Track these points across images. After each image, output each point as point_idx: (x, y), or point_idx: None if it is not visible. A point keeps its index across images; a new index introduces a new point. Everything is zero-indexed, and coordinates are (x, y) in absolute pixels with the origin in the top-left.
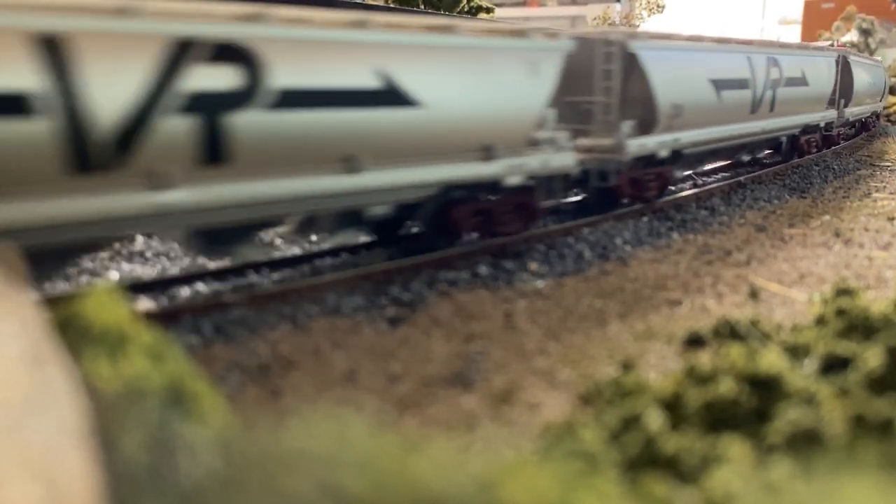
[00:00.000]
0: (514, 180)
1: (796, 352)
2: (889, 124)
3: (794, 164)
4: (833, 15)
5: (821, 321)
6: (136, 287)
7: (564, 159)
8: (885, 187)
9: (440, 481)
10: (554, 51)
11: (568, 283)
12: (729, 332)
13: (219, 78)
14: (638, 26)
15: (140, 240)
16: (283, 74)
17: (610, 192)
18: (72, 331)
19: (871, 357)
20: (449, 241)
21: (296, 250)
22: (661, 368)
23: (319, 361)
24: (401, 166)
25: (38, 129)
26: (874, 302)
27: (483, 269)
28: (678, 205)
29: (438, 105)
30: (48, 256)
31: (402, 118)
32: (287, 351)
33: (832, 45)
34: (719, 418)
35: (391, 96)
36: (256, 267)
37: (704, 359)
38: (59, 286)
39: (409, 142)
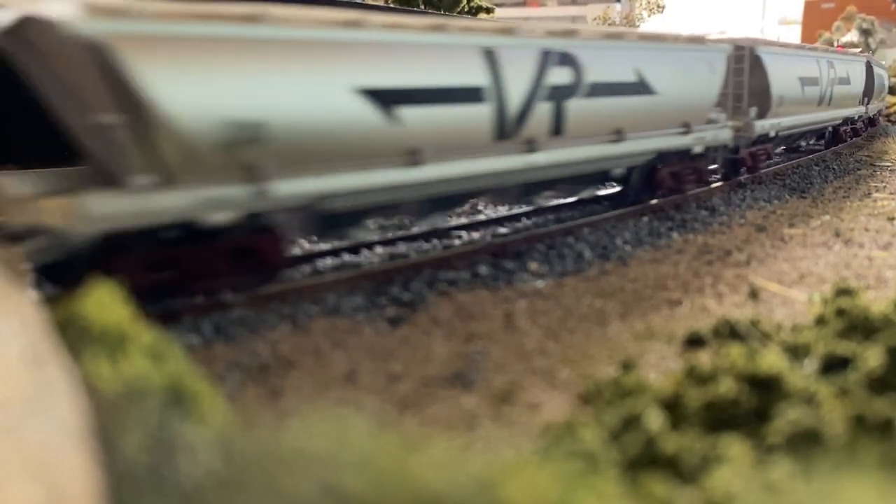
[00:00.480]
0: (698, 149)
1: (796, 352)
2: (889, 124)
3: (794, 165)
4: (833, 15)
5: (821, 321)
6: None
7: (725, 134)
8: (885, 187)
9: (440, 481)
10: (722, 52)
11: (568, 283)
12: (729, 332)
13: (562, 76)
14: (638, 26)
15: None
16: (592, 73)
17: (736, 162)
18: (72, 331)
19: (871, 357)
20: (651, 195)
21: (296, 250)
22: (661, 368)
23: (319, 361)
24: (639, 138)
25: (485, 111)
26: (874, 302)
27: (483, 269)
28: (678, 205)
29: (667, 93)
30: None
31: (647, 103)
32: (287, 351)
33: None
34: (719, 418)
35: (642, 87)
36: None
37: (704, 359)
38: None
39: (651, 119)
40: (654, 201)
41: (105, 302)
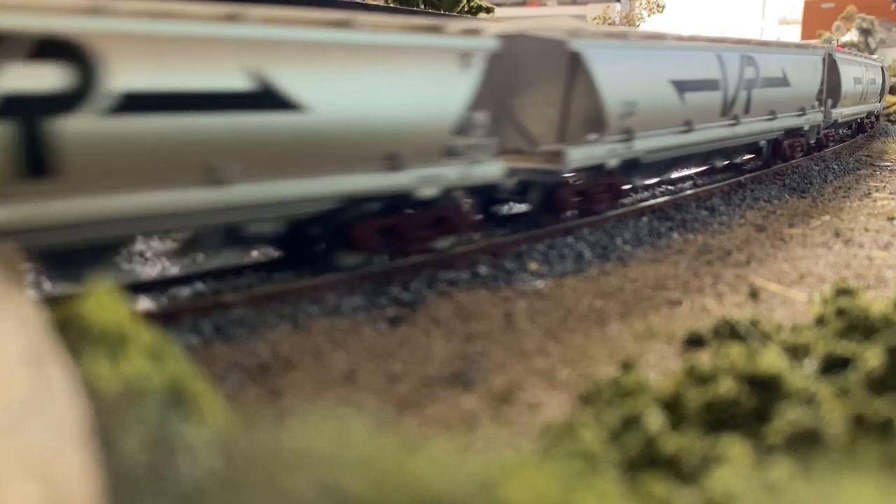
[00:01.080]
0: (805, 127)
1: (796, 352)
2: (889, 124)
3: (794, 165)
4: (833, 15)
5: (821, 321)
6: (137, 287)
7: (820, 117)
8: (885, 187)
9: (440, 481)
10: (819, 55)
11: (568, 283)
12: (729, 332)
13: (749, 72)
14: (637, 26)
15: (139, 240)
16: (764, 70)
17: (819, 140)
18: (72, 331)
19: (871, 357)
20: (776, 162)
21: None
22: (661, 368)
23: (319, 361)
24: (781, 117)
25: (718, 96)
26: (874, 302)
27: (483, 269)
28: (678, 205)
29: (795, 85)
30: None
31: (786, 92)
32: (287, 351)
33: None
34: (719, 418)
35: (784, 81)
36: (256, 267)
37: (704, 359)
38: None
39: (787, 104)
40: (777, 166)
41: (105, 302)
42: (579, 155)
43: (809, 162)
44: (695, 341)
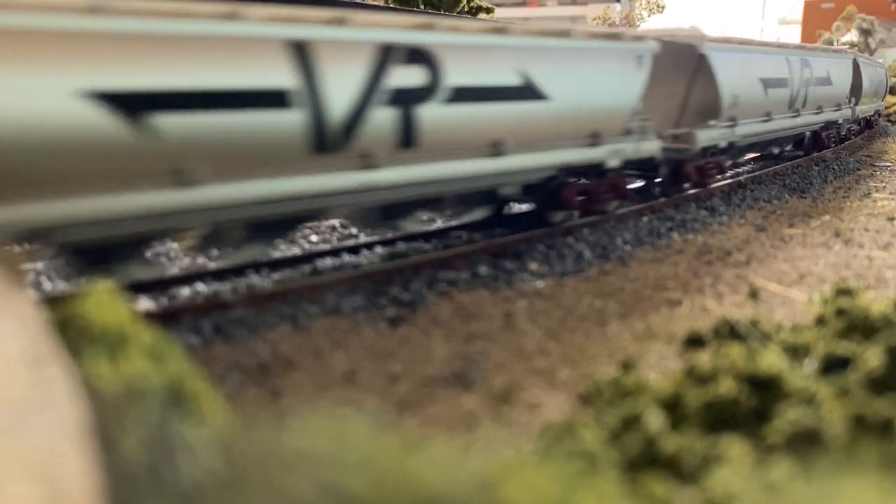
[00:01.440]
0: (840, 121)
1: (796, 352)
2: (889, 124)
3: (793, 165)
4: (833, 15)
5: (821, 321)
6: (136, 287)
7: (849, 113)
8: (885, 187)
9: (440, 481)
10: (850, 59)
11: (568, 283)
12: (729, 332)
13: (810, 73)
14: (638, 26)
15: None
16: (819, 72)
17: (840, 134)
18: (72, 331)
19: (871, 357)
20: (818, 150)
21: (295, 250)
22: (661, 368)
23: (319, 361)
24: (827, 111)
25: (785, 93)
26: (874, 302)
27: (483, 269)
28: (678, 205)
29: (837, 84)
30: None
31: (830, 90)
32: (287, 351)
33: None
34: (719, 418)
35: (827, 81)
36: (257, 267)
37: (704, 359)
38: None
39: (834, 100)
40: (819, 153)
41: (105, 302)
42: (705, 136)
43: (810, 162)
44: (695, 341)
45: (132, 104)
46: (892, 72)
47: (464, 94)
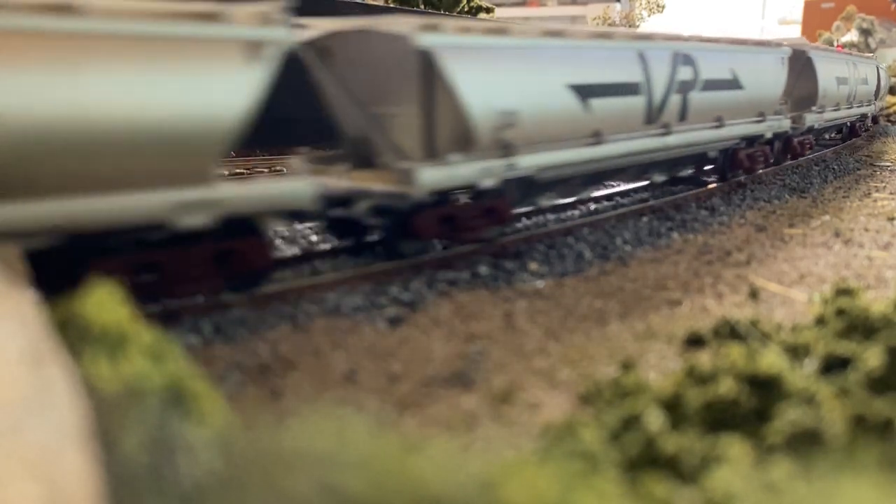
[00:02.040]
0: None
1: (796, 352)
2: (889, 124)
3: (794, 165)
4: (833, 15)
5: (821, 321)
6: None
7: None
8: (885, 187)
9: (440, 481)
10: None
11: (568, 283)
12: (729, 332)
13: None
14: (638, 26)
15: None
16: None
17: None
18: (72, 331)
19: (871, 357)
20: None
21: (295, 250)
22: (661, 368)
23: (319, 361)
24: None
25: (848, 90)
26: (874, 302)
27: (483, 269)
28: (678, 205)
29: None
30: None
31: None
32: (287, 351)
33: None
34: (719, 418)
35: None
36: None
37: (704, 359)
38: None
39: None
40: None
41: (105, 302)
42: (811, 119)
43: (810, 162)
44: (695, 341)
45: (584, 92)
46: (892, 72)
47: (709, 85)
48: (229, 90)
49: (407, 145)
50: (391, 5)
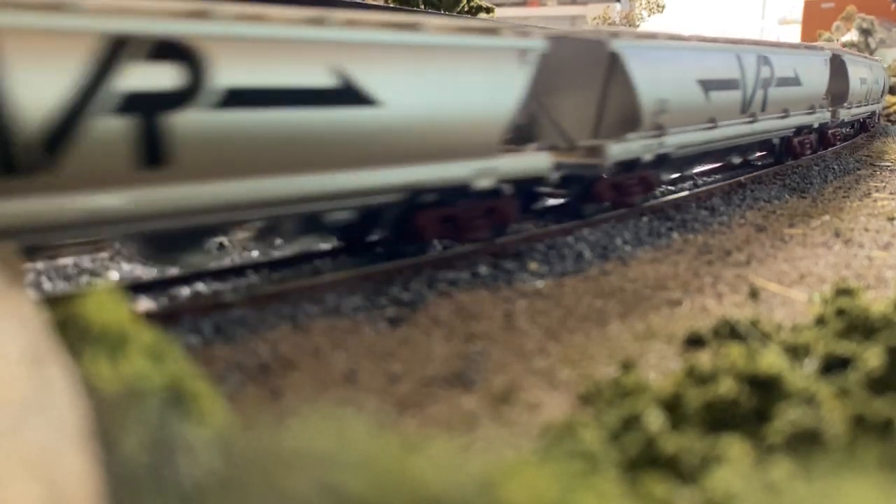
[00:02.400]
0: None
1: (796, 352)
2: (889, 124)
3: (793, 165)
4: (833, 15)
5: (821, 321)
6: (136, 287)
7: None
8: (885, 187)
9: (440, 481)
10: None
11: (568, 283)
12: (729, 332)
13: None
14: (638, 26)
15: None
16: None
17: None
18: (72, 331)
19: (871, 357)
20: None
21: (295, 250)
22: (661, 368)
23: (319, 361)
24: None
25: (866, 89)
26: (874, 302)
27: (483, 269)
28: (678, 205)
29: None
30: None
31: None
32: (287, 351)
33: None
34: (719, 418)
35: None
36: (256, 267)
37: (704, 359)
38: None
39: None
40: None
41: (105, 302)
42: (843, 113)
43: (810, 162)
44: (695, 341)
45: (706, 86)
46: (892, 72)
47: (780, 82)
48: (509, 86)
49: (574, 128)
50: (391, 5)
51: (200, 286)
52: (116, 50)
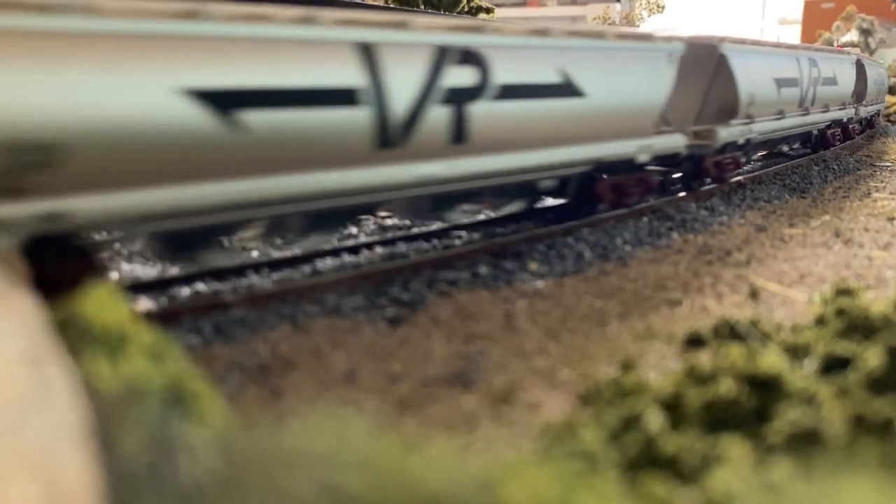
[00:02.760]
0: None
1: (796, 352)
2: (889, 124)
3: (793, 165)
4: (833, 15)
5: (821, 321)
6: (136, 287)
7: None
8: (885, 187)
9: (440, 481)
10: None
11: (568, 283)
12: (729, 332)
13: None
14: (638, 26)
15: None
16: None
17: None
18: (72, 331)
19: (871, 357)
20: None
21: (296, 250)
22: (661, 368)
23: (319, 361)
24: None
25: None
26: (874, 302)
27: (483, 269)
28: (678, 205)
29: None
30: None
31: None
32: (287, 351)
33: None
34: (719, 418)
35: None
36: (256, 267)
37: (704, 359)
38: None
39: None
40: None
41: (105, 302)
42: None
43: (810, 162)
44: (695, 341)
45: (778, 83)
46: (892, 72)
47: (825, 82)
48: (662, 81)
49: (678, 117)
50: (391, 5)
51: (200, 286)
52: (442, 57)
